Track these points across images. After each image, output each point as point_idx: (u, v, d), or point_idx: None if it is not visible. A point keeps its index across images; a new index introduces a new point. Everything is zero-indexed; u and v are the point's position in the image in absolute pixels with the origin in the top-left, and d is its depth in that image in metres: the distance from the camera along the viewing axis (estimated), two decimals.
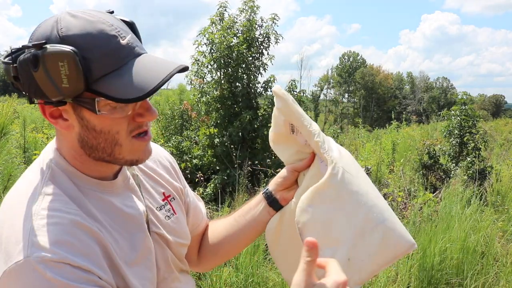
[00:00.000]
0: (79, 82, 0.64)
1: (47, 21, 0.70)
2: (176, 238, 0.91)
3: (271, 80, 6.14)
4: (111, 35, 0.68)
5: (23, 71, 0.65)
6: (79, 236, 0.69)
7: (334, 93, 55.62)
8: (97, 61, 0.66)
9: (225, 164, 5.49)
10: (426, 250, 3.16)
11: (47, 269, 0.63)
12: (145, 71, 0.68)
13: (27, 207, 0.70)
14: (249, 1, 6.08)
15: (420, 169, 6.81)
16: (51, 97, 0.66)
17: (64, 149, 0.77)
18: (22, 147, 6.19)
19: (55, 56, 0.63)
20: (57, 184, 0.74)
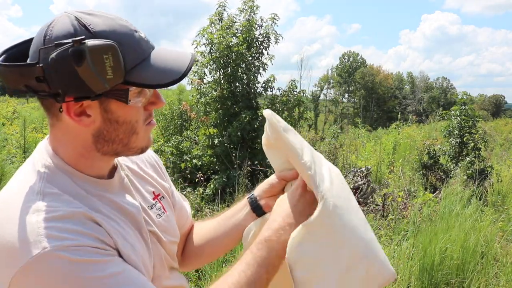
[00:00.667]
0: (121, 72, 0.68)
1: (59, 20, 0.71)
2: (168, 236, 0.93)
3: (271, 80, 6.13)
4: (132, 29, 0.73)
5: (59, 68, 0.65)
6: (88, 224, 0.70)
7: (334, 93, 55.62)
8: (128, 54, 0.70)
9: (225, 164, 5.49)
10: (426, 250, 3.16)
11: (70, 254, 0.64)
12: (169, 60, 0.74)
13: (26, 206, 0.69)
14: (249, 1, 6.08)
15: (420, 169, 6.82)
16: (95, 90, 0.67)
17: (62, 149, 0.77)
18: (22, 147, 6.19)
19: (100, 49, 0.65)
20: (56, 184, 0.73)
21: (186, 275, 2.98)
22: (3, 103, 13.61)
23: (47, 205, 0.69)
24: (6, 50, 0.73)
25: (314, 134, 13.87)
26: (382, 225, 4.49)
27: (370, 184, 5.99)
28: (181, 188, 5.00)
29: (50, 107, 0.73)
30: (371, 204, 5.55)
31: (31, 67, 0.66)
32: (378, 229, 4.35)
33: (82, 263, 0.65)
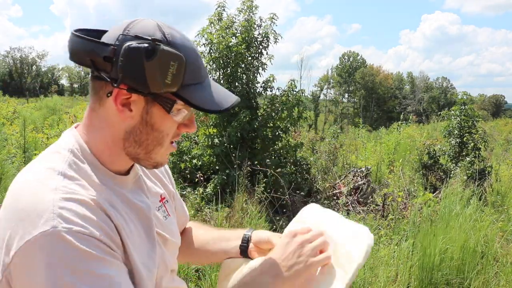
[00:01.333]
0: (178, 83, 0.74)
1: (143, 20, 0.77)
2: (173, 239, 0.97)
3: (270, 80, 6.13)
4: (198, 55, 0.80)
5: (129, 57, 0.70)
6: (99, 215, 0.72)
7: (334, 93, 55.61)
8: (188, 72, 0.76)
9: (224, 164, 5.49)
10: (426, 250, 3.16)
11: (75, 240, 0.65)
12: (218, 93, 0.81)
13: (46, 183, 0.71)
14: (248, 1, 6.07)
15: (420, 169, 6.82)
16: (151, 87, 0.72)
17: (92, 136, 0.80)
18: (22, 147, 6.19)
19: (171, 55, 0.72)
20: (77, 170, 0.76)
21: (186, 275, 2.98)
22: (3, 103, 13.61)
23: (66, 186, 0.71)
24: (79, 29, 0.79)
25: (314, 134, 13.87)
26: (382, 225, 4.49)
27: (370, 184, 6.00)
28: (181, 188, 5.00)
29: (99, 90, 0.77)
30: (371, 204, 5.55)
31: (105, 46, 0.72)
32: (378, 229, 4.35)
33: (82, 252, 0.66)
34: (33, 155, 5.22)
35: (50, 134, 6.47)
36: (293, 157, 5.95)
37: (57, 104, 14.93)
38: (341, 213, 5.05)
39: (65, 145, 0.80)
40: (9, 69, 58.54)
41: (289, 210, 4.94)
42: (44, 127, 9.73)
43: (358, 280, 3.01)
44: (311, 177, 5.99)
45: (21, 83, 57.85)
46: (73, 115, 5.99)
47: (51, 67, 62.91)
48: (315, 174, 6.27)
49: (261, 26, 6.08)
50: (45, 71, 61.85)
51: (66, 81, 66.52)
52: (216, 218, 4.15)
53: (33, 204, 0.68)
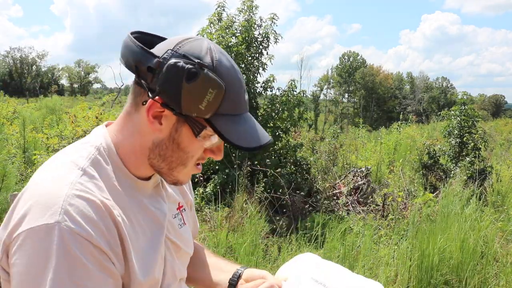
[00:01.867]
0: (211, 111, 0.74)
1: (198, 41, 0.78)
2: (186, 248, 0.97)
3: (270, 80, 6.13)
4: (242, 87, 0.79)
5: (170, 74, 0.71)
6: (105, 219, 0.72)
7: (334, 93, 55.60)
8: (227, 102, 0.75)
9: (224, 164, 5.49)
10: (425, 250, 3.16)
11: (71, 241, 0.66)
12: (252, 129, 0.80)
13: (66, 176, 0.73)
14: (248, 1, 6.07)
15: (420, 169, 6.82)
16: (183, 109, 0.73)
17: (121, 138, 0.82)
18: (22, 147, 6.19)
19: (212, 82, 0.72)
20: (98, 169, 0.78)
21: None
22: (3, 103, 13.61)
23: (82, 183, 0.73)
24: (140, 32, 0.82)
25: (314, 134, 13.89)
26: (382, 225, 4.49)
27: (370, 184, 6.00)
28: None
29: (137, 96, 0.79)
30: (371, 204, 5.55)
31: (153, 57, 0.73)
32: (378, 229, 4.35)
33: (74, 258, 0.66)
34: (33, 155, 5.22)
35: (50, 134, 6.47)
36: (293, 157, 5.95)
37: (57, 104, 14.90)
38: (341, 213, 5.05)
39: (93, 142, 0.82)
40: (9, 69, 58.53)
41: (289, 210, 4.94)
42: (44, 127, 9.73)
43: None
44: (311, 177, 5.99)
45: (21, 83, 57.85)
46: (73, 115, 5.99)
47: (51, 67, 62.91)
48: (315, 174, 6.27)
49: (261, 26, 6.08)
50: (45, 71, 61.83)
51: (66, 81, 66.54)
52: (216, 218, 4.15)
53: (49, 193, 0.70)
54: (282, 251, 3.22)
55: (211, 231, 3.81)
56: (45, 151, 5.43)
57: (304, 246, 3.40)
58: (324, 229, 3.72)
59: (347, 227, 3.64)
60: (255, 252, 3.12)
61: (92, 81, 66.58)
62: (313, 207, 5.26)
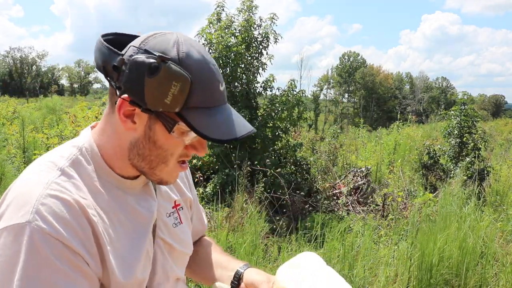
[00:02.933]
0: (179, 104, 0.71)
1: (166, 35, 0.75)
2: (181, 247, 0.94)
3: (270, 80, 6.13)
4: (215, 79, 0.75)
5: (134, 70, 0.70)
6: (79, 218, 0.72)
7: (334, 93, 55.58)
8: (196, 94, 0.72)
9: (224, 164, 5.49)
10: (425, 250, 3.16)
11: (41, 241, 0.66)
12: (229, 121, 0.77)
13: (42, 175, 0.74)
14: (247, 1, 6.07)
15: (420, 169, 6.82)
16: (148, 104, 0.71)
17: (105, 144, 0.81)
18: (22, 147, 6.19)
19: (174, 75, 0.70)
20: (77, 169, 0.77)
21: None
22: (3, 103, 13.61)
23: (59, 183, 0.73)
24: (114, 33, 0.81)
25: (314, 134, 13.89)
26: (382, 225, 4.49)
27: (370, 184, 6.00)
28: None
29: (112, 97, 0.78)
30: (371, 204, 5.56)
31: (116, 55, 0.73)
32: (378, 229, 4.36)
33: (41, 255, 0.66)
34: (32, 155, 5.22)
35: (50, 134, 6.47)
36: (293, 157, 5.95)
37: (57, 104, 14.91)
38: (341, 213, 5.05)
39: (76, 143, 0.82)
40: (9, 69, 58.52)
41: (289, 210, 4.94)
42: (44, 127, 9.73)
43: (358, 280, 3.01)
44: (311, 177, 5.99)
45: (21, 83, 57.85)
46: (73, 115, 5.99)
47: (51, 67, 62.91)
48: (315, 174, 6.27)
49: (261, 26, 6.08)
50: (45, 71, 61.83)
51: (66, 81, 66.53)
52: (216, 218, 4.15)
53: (24, 193, 0.71)
54: (282, 251, 3.22)
55: (211, 231, 3.81)
56: (45, 151, 5.43)
57: (304, 246, 3.40)
58: (324, 229, 3.72)
59: (346, 226, 3.64)
60: (255, 252, 3.12)
61: (92, 81, 66.57)
62: (313, 207, 5.26)
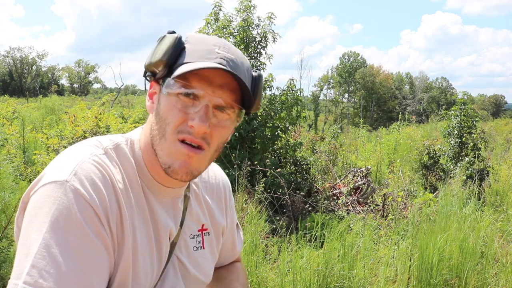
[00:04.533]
0: (166, 56, 0.77)
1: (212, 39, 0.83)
2: (196, 273, 0.91)
3: (269, 80, 6.12)
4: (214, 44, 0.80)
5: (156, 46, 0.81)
6: (110, 195, 0.74)
7: (334, 93, 55.58)
8: (188, 54, 0.78)
9: (224, 164, 5.49)
10: (425, 250, 3.16)
11: (74, 200, 0.69)
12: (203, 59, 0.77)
13: (88, 149, 0.78)
14: (245, 1, 6.06)
15: (420, 169, 6.82)
16: (150, 60, 0.80)
17: (142, 141, 0.84)
18: (21, 147, 6.19)
19: (170, 37, 0.79)
20: (119, 155, 0.81)
21: None
22: (3, 103, 13.61)
23: (100, 158, 0.77)
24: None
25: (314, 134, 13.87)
26: (382, 225, 4.49)
27: (370, 184, 6.00)
28: None
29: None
30: (371, 204, 5.56)
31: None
32: (378, 229, 4.35)
33: (72, 215, 0.68)
34: (32, 155, 5.22)
35: (50, 134, 6.47)
36: (292, 157, 5.95)
37: (56, 104, 14.90)
38: (341, 213, 5.05)
39: (127, 135, 0.86)
40: (9, 69, 58.52)
41: (289, 210, 4.94)
42: (44, 127, 9.73)
43: (357, 280, 3.01)
44: (311, 177, 5.99)
45: (21, 83, 57.83)
46: (72, 115, 5.99)
47: (51, 67, 62.89)
48: (315, 174, 6.27)
49: (259, 26, 6.07)
50: (45, 71, 61.82)
51: (66, 81, 66.52)
52: None
53: (67, 158, 0.75)
54: (282, 251, 3.22)
55: None
56: (45, 151, 5.43)
57: (304, 246, 3.40)
58: (324, 229, 3.72)
59: (346, 226, 3.64)
60: (255, 252, 3.12)
61: (92, 81, 66.57)
62: (313, 207, 5.26)
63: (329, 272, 2.98)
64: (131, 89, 64.02)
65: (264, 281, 3.04)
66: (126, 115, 8.14)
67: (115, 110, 9.70)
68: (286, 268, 3.03)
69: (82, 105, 6.50)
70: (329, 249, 3.11)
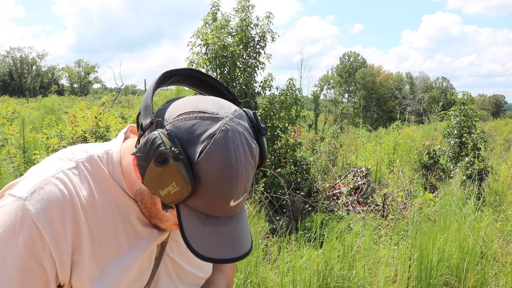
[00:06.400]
0: (172, 202, 0.67)
1: (207, 121, 0.66)
2: (193, 269, 0.91)
3: (269, 79, 6.12)
4: (229, 194, 0.66)
5: (146, 145, 0.65)
6: (66, 215, 0.72)
7: (334, 93, 55.58)
8: (199, 199, 0.65)
9: None
10: (424, 250, 3.16)
11: (21, 219, 0.69)
12: (223, 238, 0.68)
13: (59, 162, 0.77)
14: (243, 0, 6.05)
15: (420, 169, 6.82)
16: (145, 183, 0.68)
17: (125, 167, 0.79)
18: (21, 147, 6.19)
19: (177, 178, 0.63)
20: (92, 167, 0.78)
21: None
22: (3, 103, 13.61)
23: (67, 174, 0.75)
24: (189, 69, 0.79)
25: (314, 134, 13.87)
26: (382, 225, 4.49)
27: (370, 184, 6.00)
28: None
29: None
30: (371, 204, 5.56)
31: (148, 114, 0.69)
32: (378, 229, 4.35)
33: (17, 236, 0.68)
34: (32, 155, 5.22)
35: (50, 134, 6.47)
36: (292, 156, 5.95)
37: (56, 104, 14.90)
38: (341, 213, 5.05)
39: (106, 147, 0.82)
40: (9, 69, 58.50)
41: (289, 210, 4.94)
42: (43, 127, 9.73)
43: (357, 280, 3.01)
44: (311, 177, 5.99)
45: (21, 83, 57.82)
46: (72, 115, 5.99)
47: (51, 67, 62.87)
48: (315, 174, 6.27)
49: (258, 26, 6.06)
50: (45, 71, 61.80)
51: (66, 81, 66.50)
52: None
53: (39, 171, 0.76)
54: (282, 251, 3.22)
55: None
56: (45, 151, 5.43)
57: (304, 246, 3.40)
58: (324, 229, 3.72)
59: (346, 226, 3.64)
60: (255, 252, 3.12)
61: (92, 81, 66.55)
62: (313, 207, 5.26)
63: (329, 272, 2.98)
64: (131, 89, 64.02)
65: (264, 281, 3.04)
66: (126, 115, 8.14)
67: (115, 110, 9.70)
68: (285, 268, 3.03)
69: (82, 105, 6.50)
70: (329, 249, 3.11)
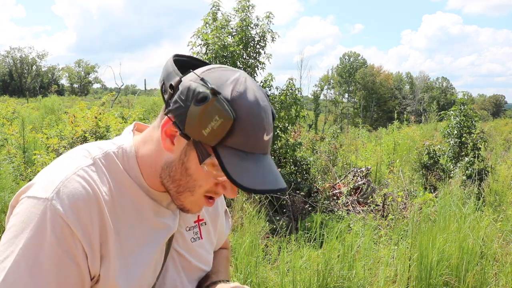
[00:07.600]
0: (215, 140, 0.70)
1: (229, 71, 0.75)
2: (198, 263, 0.94)
3: (269, 79, 6.11)
4: (262, 127, 0.73)
5: (184, 93, 0.72)
6: (92, 210, 0.73)
7: (334, 93, 55.58)
8: (237, 135, 0.70)
9: None
10: (424, 250, 3.16)
11: (51, 219, 0.69)
12: (265, 171, 0.73)
13: (76, 161, 0.78)
14: (243, 0, 6.05)
15: (420, 169, 6.82)
16: (186, 130, 0.72)
17: (144, 154, 0.82)
18: (21, 147, 6.19)
19: (219, 111, 0.69)
20: (109, 164, 0.80)
21: None
22: (3, 103, 13.60)
23: (87, 171, 0.76)
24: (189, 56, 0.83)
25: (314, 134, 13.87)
26: (382, 225, 4.49)
27: (370, 184, 6.00)
28: None
29: (162, 113, 0.79)
30: (371, 204, 5.56)
31: (175, 75, 0.74)
32: (378, 229, 4.36)
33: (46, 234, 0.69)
34: (32, 155, 5.22)
35: (50, 134, 6.47)
36: (292, 156, 5.95)
37: (56, 104, 14.91)
38: (341, 213, 5.05)
39: (117, 141, 0.84)
40: (9, 69, 58.49)
41: (289, 210, 4.94)
42: (43, 127, 9.73)
43: (357, 280, 3.01)
44: (311, 177, 5.99)
45: (21, 83, 57.82)
46: (72, 115, 5.99)
47: (51, 67, 62.86)
48: (315, 174, 6.27)
49: (258, 26, 6.06)
50: (45, 71, 61.79)
51: (66, 81, 66.49)
52: None
53: (54, 171, 0.76)
54: (282, 251, 3.22)
55: None
56: (45, 151, 5.43)
57: (304, 246, 3.40)
58: (324, 229, 3.72)
59: (346, 226, 3.64)
60: (255, 252, 3.12)
61: (92, 81, 66.55)
62: (313, 207, 5.26)
63: (329, 272, 2.98)
64: (131, 89, 64.04)
65: (264, 281, 3.04)
66: (126, 115, 8.14)
67: (115, 110, 9.70)
68: (285, 268, 3.03)
69: (82, 105, 6.50)
70: (329, 249, 3.11)
